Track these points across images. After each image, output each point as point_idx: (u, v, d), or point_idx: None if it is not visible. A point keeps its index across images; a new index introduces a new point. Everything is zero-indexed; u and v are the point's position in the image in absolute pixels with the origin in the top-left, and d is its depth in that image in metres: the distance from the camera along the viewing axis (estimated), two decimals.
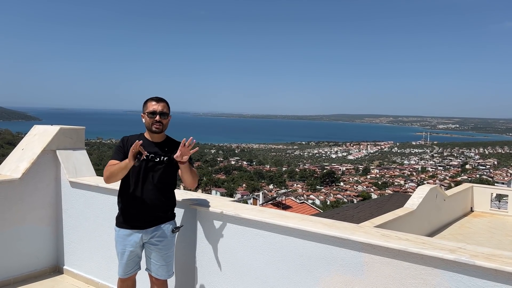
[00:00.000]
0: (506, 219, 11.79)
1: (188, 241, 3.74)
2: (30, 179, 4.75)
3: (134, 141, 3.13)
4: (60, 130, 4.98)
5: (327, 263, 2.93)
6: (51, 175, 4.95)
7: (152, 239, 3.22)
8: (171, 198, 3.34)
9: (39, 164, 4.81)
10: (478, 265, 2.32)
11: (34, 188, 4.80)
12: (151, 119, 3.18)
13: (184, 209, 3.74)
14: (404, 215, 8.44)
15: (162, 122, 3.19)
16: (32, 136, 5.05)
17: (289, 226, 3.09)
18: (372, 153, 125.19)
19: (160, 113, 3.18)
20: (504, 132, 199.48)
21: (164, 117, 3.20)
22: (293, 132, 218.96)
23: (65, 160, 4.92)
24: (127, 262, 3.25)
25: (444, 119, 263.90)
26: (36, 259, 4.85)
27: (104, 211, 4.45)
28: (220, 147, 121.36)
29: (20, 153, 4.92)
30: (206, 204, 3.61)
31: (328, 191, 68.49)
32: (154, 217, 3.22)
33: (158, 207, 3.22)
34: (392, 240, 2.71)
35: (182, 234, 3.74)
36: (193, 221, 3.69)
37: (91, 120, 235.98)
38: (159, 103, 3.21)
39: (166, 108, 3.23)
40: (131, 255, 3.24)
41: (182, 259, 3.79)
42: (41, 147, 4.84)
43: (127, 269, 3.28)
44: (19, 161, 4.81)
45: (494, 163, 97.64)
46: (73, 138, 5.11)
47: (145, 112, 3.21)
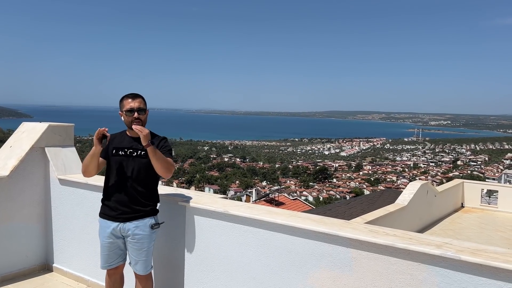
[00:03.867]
0: (496, 214, 11.90)
1: (176, 238, 3.74)
2: (19, 176, 4.71)
3: (115, 138, 3.24)
4: (49, 127, 4.94)
5: (315, 259, 2.94)
6: (40, 172, 4.91)
7: (130, 233, 3.22)
8: (150, 193, 3.32)
9: (27, 161, 4.77)
10: (463, 260, 2.34)
11: (23, 185, 4.76)
12: (130, 117, 3.17)
13: (172, 206, 3.73)
14: (395, 211, 8.48)
15: (141, 118, 3.19)
16: (20, 134, 5.01)
17: (278, 222, 3.10)
18: (365, 150, 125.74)
19: (138, 109, 3.18)
20: (495, 128, 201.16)
21: (142, 113, 3.20)
22: (286, 129, 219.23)
23: (54, 158, 4.88)
24: (108, 253, 3.30)
25: (436, 116, 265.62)
26: (25, 257, 4.82)
27: (94, 208, 4.42)
28: (213, 144, 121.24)
29: (8, 150, 4.88)
30: (194, 200, 3.60)
31: (321, 187, 68.74)
32: (132, 211, 3.22)
33: (135, 201, 3.22)
34: (380, 236, 2.72)
35: (170, 231, 3.74)
36: (181, 218, 3.68)
37: (82, 117, 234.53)
38: (135, 99, 3.20)
39: (142, 104, 3.23)
40: (111, 246, 3.28)
41: (170, 256, 3.78)
42: (30, 144, 4.80)
43: (108, 260, 3.31)
44: (7, 159, 4.76)
45: (485, 159, 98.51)
46: (62, 135, 5.07)
47: (123, 110, 3.20)
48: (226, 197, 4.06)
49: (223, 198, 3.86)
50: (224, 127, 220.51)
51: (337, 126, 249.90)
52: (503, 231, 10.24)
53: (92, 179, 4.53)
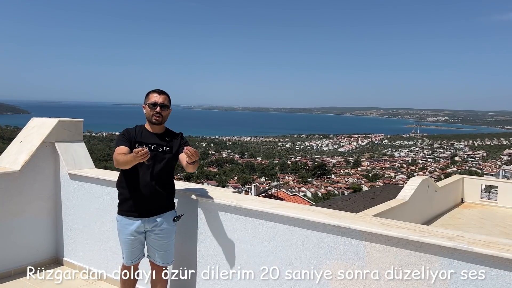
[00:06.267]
0: (496, 209, 12.01)
1: (189, 231, 3.80)
2: (29, 171, 4.76)
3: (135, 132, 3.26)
4: (59, 123, 4.99)
5: (328, 252, 3.01)
6: (50, 167, 4.96)
7: (153, 228, 3.30)
8: (171, 187, 3.43)
9: (38, 156, 4.82)
10: (476, 251, 2.41)
11: (33, 180, 4.81)
12: (152, 110, 3.27)
13: (185, 200, 3.79)
14: (397, 206, 8.57)
15: (162, 114, 3.29)
16: (30, 129, 5.05)
17: (291, 216, 3.16)
18: (363, 146, 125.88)
19: (161, 104, 3.28)
20: (493, 124, 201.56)
21: (164, 109, 3.30)
22: (284, 124, 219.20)
23: (64, 153, 4.93)
24: (132, 250, 3.35)
25: (434, 112, 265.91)
26: (35, 250, 4.88)
27: (104, 203, 4.48)
28: (211, 140, 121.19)
29: (19, 145, 4.93)
30: (207, 194, 3.66)
31: (319, 183, 68.82)
32: (155, 206, 3.29)
33: (158, 197, 3.29)
34: (392, 229, 2.79)
35: (184, 224, 3.79)
36: (194, 212, 3.74)
37: (80, 113, 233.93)
38: (160, 95, 3.31)
39: (167, 101, 3.33)
40: (135, 243, 3.33)
41: (183, 249, 3.84)
42: (40, 139, 4.84)
43: (132, 256, 3.38)
44: (17, 154, 4.81)
45: (483, 155, 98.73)
46: (72, 131, 5.12)
47: (147, 103, 3.31)
48: (235, 192, 4.12)
49: (234, 192, 3.93)
50: (223, 123, 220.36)
51: (335, 122, 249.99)
52: (503, 226, 10.35)
53: (102, 174, 4.60)
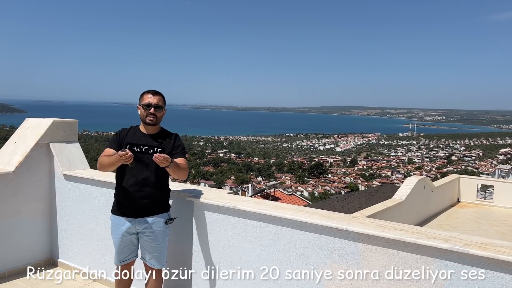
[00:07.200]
0: (492, 209, 12.03)
1: (185, 233, 3.78)
2: (24, 172, 4.73)
3: (128, 134, 3.27)
4: (53, 123, 4.96)
5: (324, 253, 3.00)
6: (44, 168, 4.93)
7: (145, 229, 3.29)
8: (164, 189, 3.40)
9: (32, 157, 4.79)
10: (471, 253, 2.41)
11: (28, 181, 4.79)
12: (146, 111, 3.26)
13: (180, 201, 3.77)
14: (393, 206, 8.56)
15: (156, 114, 3.28)
16: (24, 129, 5.02)
17: (286, 217, 3.15)
18: (360, 145, 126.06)
19: (155, 105, 3.27)
20: (489, 123, 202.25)
21: (158, 110, 3.29)
22: (281, 124, 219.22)
23: (59, 153, 4.90)
24: (122, 249, 3.35)
25: (431, 111, 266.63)
26: (30, 252, 4.85)
27: (99, 204, 4.46)
28: (208, 140, 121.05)
29: (13, 146, 4.89)
30: (202, 196, 3.64)
31: (316, 182, 68.90)
32: (147, 207, 3.27)
33: (150, 198, 3.27)
34: (388, 230, 2.78)
35: (179, 226, 3.77)
36: (189, 213, 3.73)
37: (77, 113, 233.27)
38: (155, 96, 3.30)
39: (161, 102, 3.32)
40: (125, 243, 3.33)
41: (178, 250, 3.83)
42: (35, 140, 4.81)
43: (121, 256, 3.38)
44: (12, 154, 4.78)
45: (479, 154, 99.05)
46: (66, 131, 5.09)
47: (141, 104, 3.29)
48: (231, 192, 4.11)
49: (230, 193, 3.91)
50: (219, 123, 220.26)
51: (332, 121, 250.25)
52: (499, 225, 10.37)
53: (96, 174, 4.57)
